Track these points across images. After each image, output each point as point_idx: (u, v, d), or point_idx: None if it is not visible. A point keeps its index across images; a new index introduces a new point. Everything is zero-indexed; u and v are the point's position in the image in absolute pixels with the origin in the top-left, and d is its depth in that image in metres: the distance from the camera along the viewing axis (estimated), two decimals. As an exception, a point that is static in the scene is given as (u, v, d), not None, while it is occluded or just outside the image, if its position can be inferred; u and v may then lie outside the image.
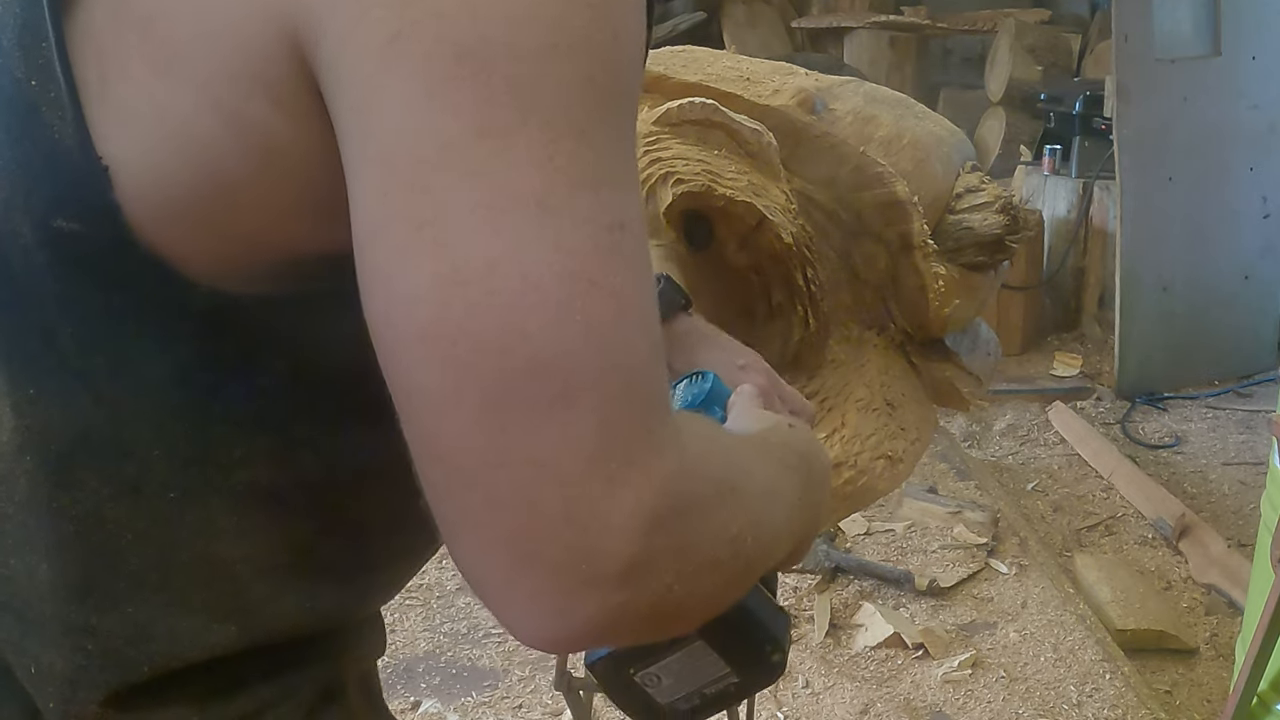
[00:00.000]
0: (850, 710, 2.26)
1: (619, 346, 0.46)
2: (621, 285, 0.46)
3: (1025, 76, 5.32)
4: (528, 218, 0.45)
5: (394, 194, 0.46)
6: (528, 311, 0.44)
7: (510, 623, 0.48)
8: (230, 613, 0.58)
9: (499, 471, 0.45)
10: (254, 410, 0.57)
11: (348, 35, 0.46)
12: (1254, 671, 1.63)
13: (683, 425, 0.50)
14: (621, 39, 0.48)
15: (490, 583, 0.47)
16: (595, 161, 0.47)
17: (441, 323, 0.45)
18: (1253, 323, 4.28)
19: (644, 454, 0.46)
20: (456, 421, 0.46)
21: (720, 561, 0.50)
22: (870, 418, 1.21)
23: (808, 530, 0.66)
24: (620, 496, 0.45)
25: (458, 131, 0.45)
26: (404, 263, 0.45)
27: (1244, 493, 3.31)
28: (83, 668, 0.57)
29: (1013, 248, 1.33)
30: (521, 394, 0.45)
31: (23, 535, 0.57)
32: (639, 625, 0.49)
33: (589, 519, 0.45)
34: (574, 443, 0.45)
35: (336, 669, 0.65)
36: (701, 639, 0.67)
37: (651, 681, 0.68)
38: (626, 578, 0.46)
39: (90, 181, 0.52)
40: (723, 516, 0.50)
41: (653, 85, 1.25)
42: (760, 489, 0.56)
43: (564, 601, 0.46)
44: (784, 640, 0.70)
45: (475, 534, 0.47)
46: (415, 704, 2.27)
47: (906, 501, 3.05)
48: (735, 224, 1.14)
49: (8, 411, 0.56)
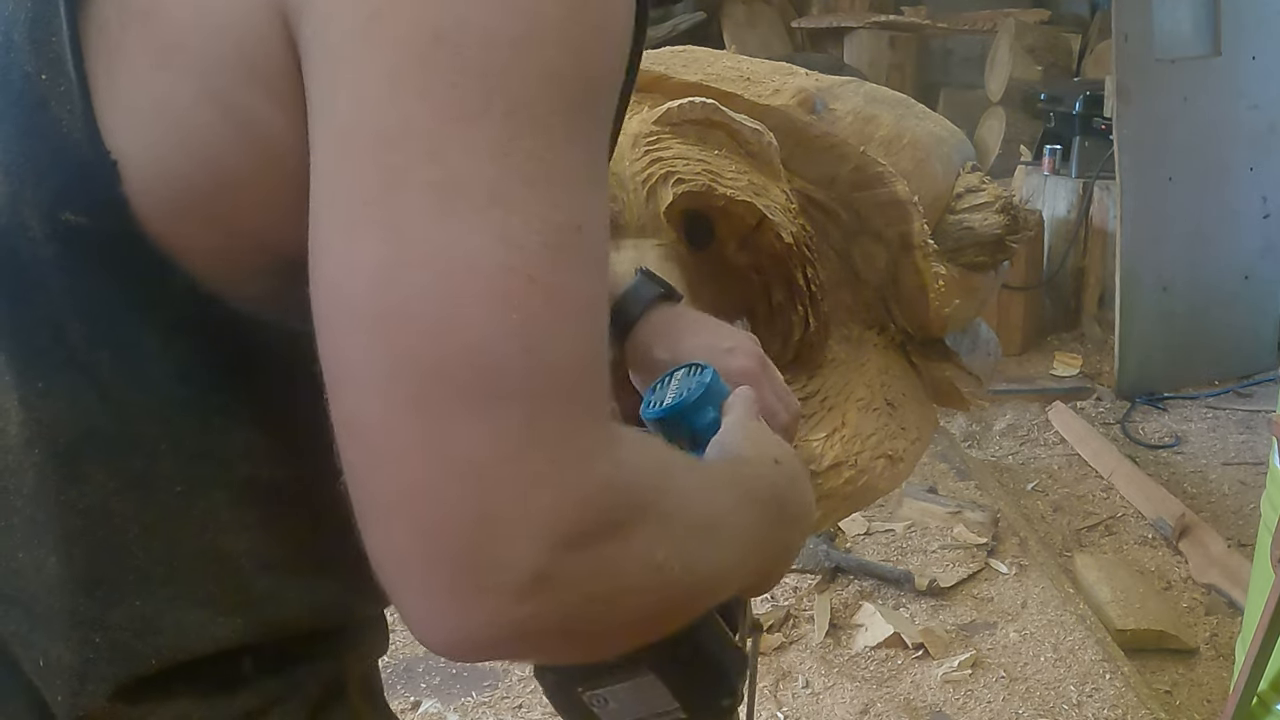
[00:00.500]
0: (850, 710, 2.26)
1: (554, 348, 0.45)
2: (566, 286, 0.46)
3: (1025, 76, 5.33)
4: (476, 207, 0.44)
5: (349, 168, 0.46)
6: (464, 301, 0.44)
7: (408, 620, 0.47)
8: (235, 606, 0.58)
9: (415, 459, 0.44)
10: (255, 405, 0.57)
11: (329, 15, 0.46)
12: (1254, 671, 1.63)
13: (623, 439, 0.49)
14: (601, 37, 0.48)
15: (392, 573, 0.46)
16: (555, 158, 0.46)
17: (378, 301, 0.45)
18: (1253, 323, 4.28)
19: (567, 461, 0.45)
20: (380, 402, 0.45)
21: (641, 588, 0.48)
22: (870, 417, 1.21)
23: (769, 568, 0.64)
24: (534, 503, 0.44)
25: (421, 113, 0.45)
26: (349, 237, 0.45)
27: (1244, 493, 3.31)
28: (91, 661, 0.57)
29: (1013, 248, 1.34)
30: (448, 383, 0.44)
31: (30, 529, 0.57)
32: (547, 642, 0.47)
33: (499, 521, 0.44)
34: (495, 440, 0.44)
35: (340, 666, 0.65)
36: (652, 672, 0.64)
37: (599, 703, 0.66)
38: (529, 591, 0.44)
39: (98, 175, 0.52)
40: (644, 541, 0.48)
41: (653, 85, 1.26)
42: (702, 522, 0.54)
43: (462, 606, 0.45)
44: (737, 684, 0.67)
45: (384, 520, 0.46)
46: (415, 704, 2.27)
47: (906, 501, 3.05)
48: (735, 224, 1.14)
49: (15, 405, 0.56)
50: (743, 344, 0.82)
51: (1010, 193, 1.37)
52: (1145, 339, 4.07)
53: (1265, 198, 4.23)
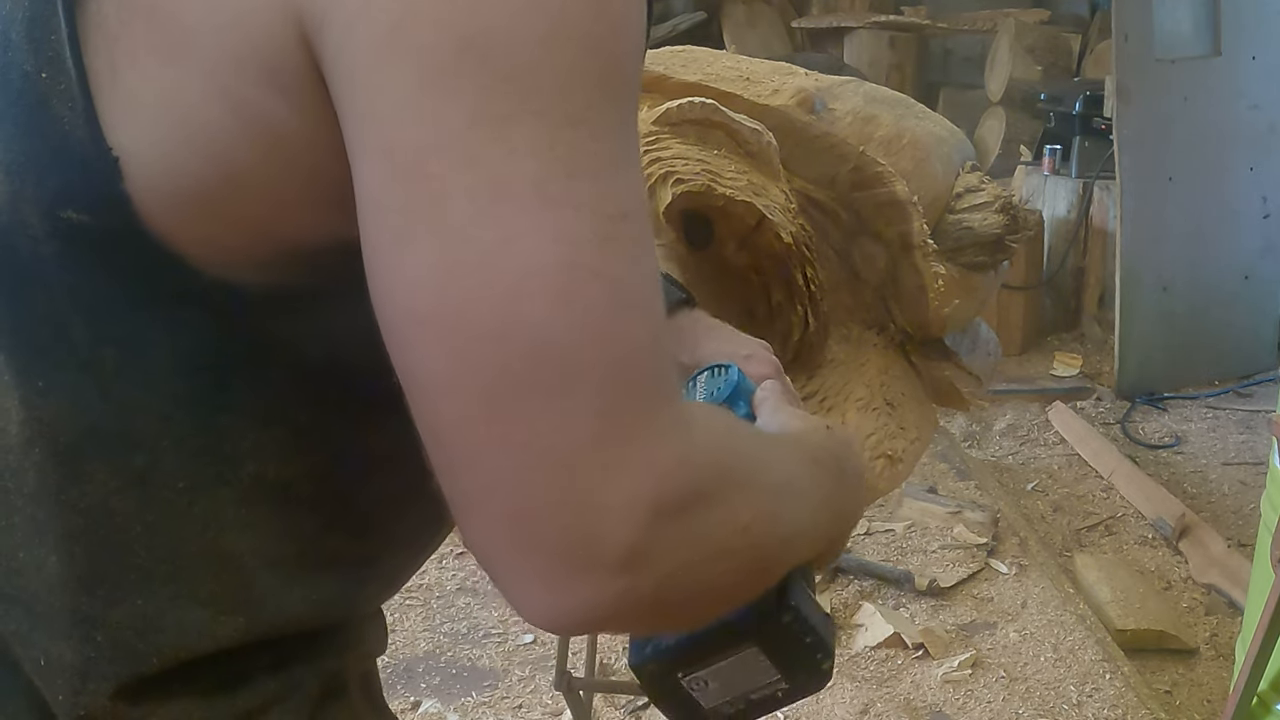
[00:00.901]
0: (850, 710, 2.26)
1: (617, 334, 0.46)
2: (621, 273, 0.47)
3: (1025, 76, 5.32)
4: (526, 206, 0.45)
5: (394, 181, 0.46)
6: (525, 299, 0.45)
7: (514, 602, 0.49)
8: (237, 605, 0.59)
9: (498, 456, 0.46)
10: (262, 402, 0.57)
11: (351, 24, 0.46)
12: (1254, 671, 1.63)
13: (693, 414, 0.50)
14: (621, 30, 0.48)
15: (494, 562, 0.48)
16: (595, 150, 0.47)
17: (440, 309, 0.45)
18: (1253, 323, 4.28)
19: (645, 440, 0.46)
20: (456, 406, 0.46)
21: (731, 551, 0.50)
22: (870, 417, 1.21)
23: (838, 531, 0.66)
24: (619, 482, 0.46)
25: (457, 119, 0.45)
26: (404, 249, 0.46)
27: (1244, 493, 3.31)
28: (92, 659, 0.57)
29: (1013, 248, 1.34)
30: (519, 380, 0.45)
31: (32, 528, 0.57)
32: (645, 613, 0.49)
33: (587, 504, 0.45)
34: (572, 429, 0.45)
35: (340, 665, 0.65)
36: (756, 645, 0.65)
37: (698, 686, 0.67)
38: (627, 564, 0.46)
39: (100, 172, 0.52)
40: (731, 506, 0.50)
41: (653, 85, 1.26)
42: (778, 482, 0.56)
43: (563, 585, 0.46)
44: (833, 647, 0.69)
45: (478, 515, 0.48)
46: (415, 704, 2.27)
47: (906, 501, 3.05)
48: (735, 223, 1.14)
49: (16, 404, 0.56)
50: (759, 352, 0.84)
51: (1010, 193, 1.37)
52: (1145, 339, 4.07)
53: (1265, 198, 4.23)
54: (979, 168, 1.40)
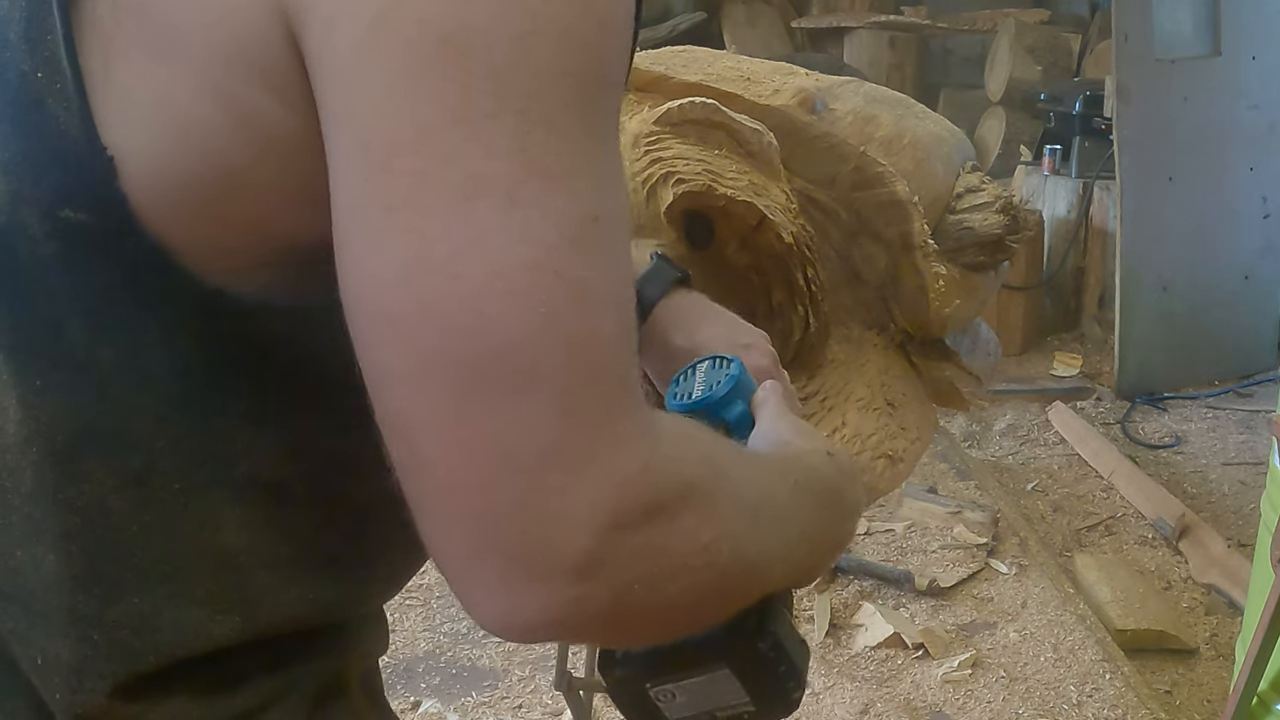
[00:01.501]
0: (850, 710, 2.26)
1: (583, 338, 0.46)
2: (590, 277, 0.46)
3: (1025, 76, 5.33)
4: (496, 206, 0.45)
5: (368, 176, 0.46)
6: (491, 299, 0.45)
7: (468, 605, 0.48)
8: (234, 604, 0.58)
9: (458, 455, 0.45)
10: (256, 403, 0.57)
11: (332, 18, 0.46)
12: (1254, 671, 1.63)
13: (661, 424, 0.50)
14: (606, 31, 0.48)
15: (450, 564, 0.48)
16: (569, 152, 0.47)
17: (407, 306, 0.45)
18: (1253, 323, 4.28)
19: (606, 447, 0.46)
20: (418, 403, 0.46)
21: (688, 569, 0.49)
22: (870, 417, 1.21)
23: (817, 559, 0.64)
24: (577, 489, 0.45)
25: (434, 116, 0.45)
26: (374, 245, 0.46)
27: (1244, 493, 3.31)
28: (89, 658, 0.57)
29: (1013, 248, 1.34)
30: (482, 381, 0.45)
31: (29, 527, 0.57)
32: (601, 624, 0.48)
33: (544, 509, 0.45)
34: (533, 432, 0.45)
35: (340, 665, 0.65)
36: (729, 666, 0.65)
37: (665, 698, 0.67)
38: (582, 572, 0.46)
39: (96, 171, 0.52)
40: (690, 523, 0.49)
41: (653, 85, 1.26)
42: (751, 504, 0.54)
43: (517, 590, 0.46)
44: (805, 676, 0.68)
45: (436, 515, 0.47)
46: (415, 704, 2.27)
47: (906, 501, 3.05)
48: (736, 224, 1.14)
49: (14, 404, 0.56)
50: (758, 342, 0.82)
51: (1010, 193, 1.37)
52: (1145, 339, 4.07)
53: (1265, 198, 4.23)
54: (979, 168, 1.39)
